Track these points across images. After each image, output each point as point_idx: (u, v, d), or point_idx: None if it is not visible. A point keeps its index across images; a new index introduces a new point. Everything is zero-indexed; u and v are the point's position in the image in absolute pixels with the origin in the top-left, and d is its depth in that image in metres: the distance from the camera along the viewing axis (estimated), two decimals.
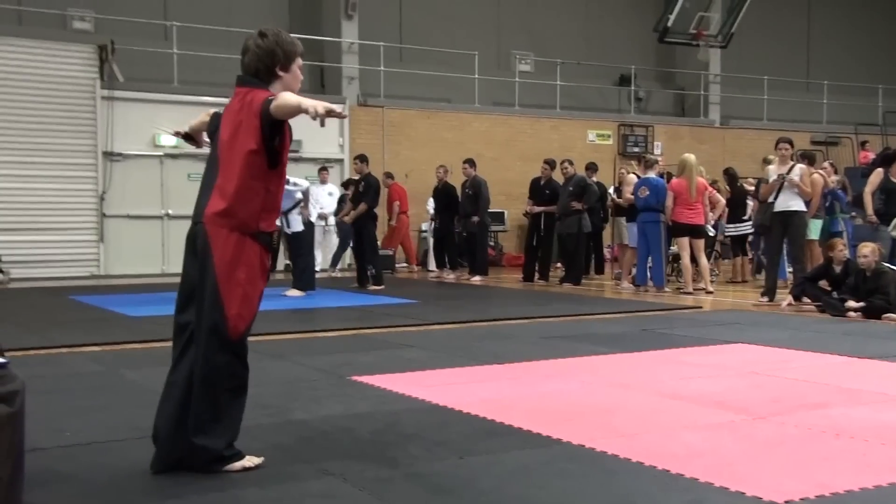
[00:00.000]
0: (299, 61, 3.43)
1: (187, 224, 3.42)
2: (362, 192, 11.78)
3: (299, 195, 10.80)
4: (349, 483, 3.09)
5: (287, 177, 3.87)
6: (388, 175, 14.84)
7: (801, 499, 2.86)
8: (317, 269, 14.81)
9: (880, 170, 9.87)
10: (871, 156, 17.91)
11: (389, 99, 16.67)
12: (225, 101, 13.22)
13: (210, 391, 3.16)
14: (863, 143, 20.17)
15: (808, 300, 8.76)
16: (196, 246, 3.27)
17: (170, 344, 3.34)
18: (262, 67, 3.35)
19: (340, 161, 15.89)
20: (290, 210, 10.57)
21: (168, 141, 14.63)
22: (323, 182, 15.06)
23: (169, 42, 14.99)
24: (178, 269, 3.46)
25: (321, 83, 17.02)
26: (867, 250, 8.18)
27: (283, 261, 15.12)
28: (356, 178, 12.33)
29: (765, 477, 3.14)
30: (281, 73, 3.38)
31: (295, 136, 13.43)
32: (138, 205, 14.41)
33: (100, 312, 8.73)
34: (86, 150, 14.04)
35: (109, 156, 14.19)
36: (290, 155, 14.78)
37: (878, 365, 5.57)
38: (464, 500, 2.92)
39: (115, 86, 14.15)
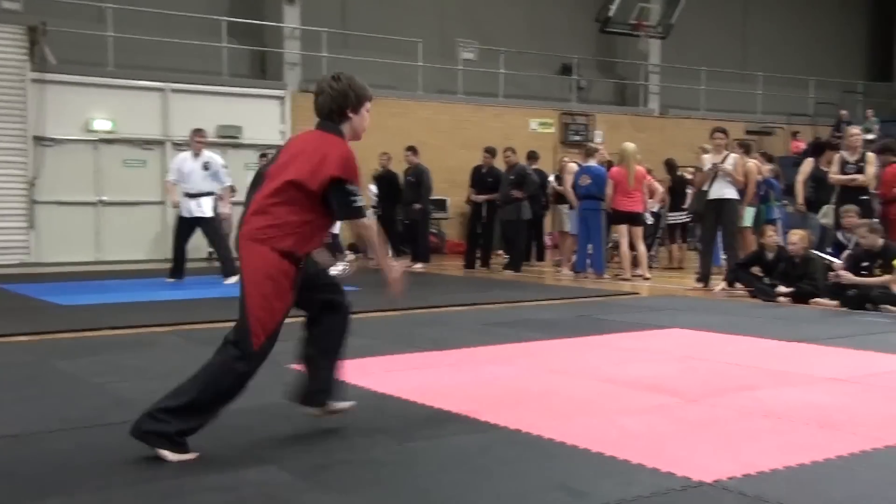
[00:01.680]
0: (368, 105, 3.70)
1: (122, 210, 3.40)
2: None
3: (229, 181, 10.73)
4: (286, 471, 3.08)
5: (219, 160, 3.99)
6: None
7: (729, 478, 2.94)
8: None
9: (810, 159, 10.14)
10: (803, 145, 18.38)
11: None
12: (161, 84, 13.02)
13: (208, 382, 3.32)
14: (794, 133, 20.66)
15: (741, 286, 8.97)
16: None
17: (101, 332, 3.30)
18: (335, 108, 3.62)
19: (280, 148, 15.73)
20: (206, 194, 10.33)
21: (102, 126, 14.34)
22: None
23: (104, 24, 14.64)
24: (113, 256, 3.44)
25: (262, 69, 16.83)
26: (796, 237, 8.40)
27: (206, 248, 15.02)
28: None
29: (695, 457, 3.21)
30: (351, 115, 3.64)
31: (234, 122, 13.33)
32: (71, 191, 14.06)
33: (30, 301, 8.53)
34: (14, 135, 13.63)
35: (40, 140, 13.83)
36: (230, 141, 14.57)
37: (805, 348, 5.74)
38: (401, 486, 2.94)
39: (47, 69, 13.79)
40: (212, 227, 10.55)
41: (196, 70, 15.44)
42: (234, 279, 10.35)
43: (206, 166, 10.29)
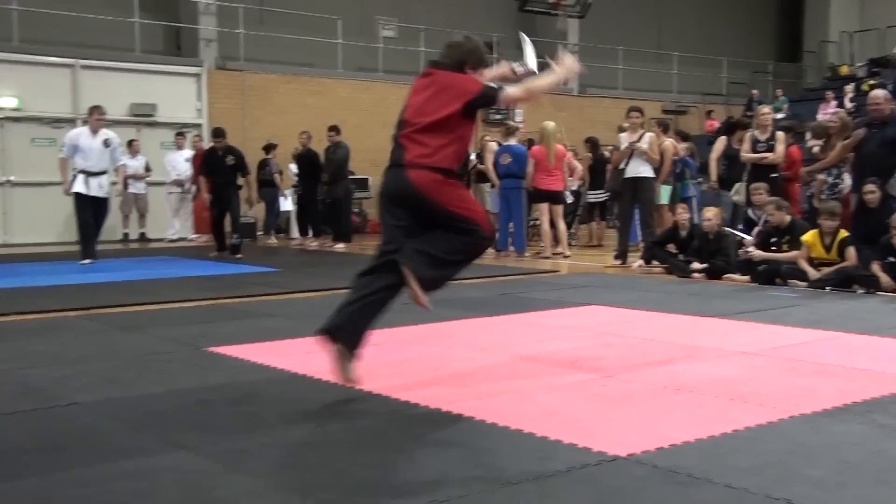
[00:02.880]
0: (483, 72, 4.19)
1: (31, 191, 3.30)
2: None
3: (125, 160, 10.49)
4: (202, 455, 3.04)
5: (117, 139, 4.14)
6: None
7: (643, 451, 3.01)
8: (174, 237, 14.44)
9: (723, 138, 10.39)
10: (717, 124, 18.83)
11: (250, 63, 16.26)
12: (70, 60, 12.53)
13: (461, 257, 3.97)
14: (708, 113, 21.16)
15: (657, 262, 9.17)
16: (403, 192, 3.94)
17: (8, 318, 3.19)
18: (458, 61, 4.12)
19: (198, 126, 15.41)
20: (102, 173, 10.04)
21: (7, 103, 13.82)
22: (179, 148, 14.61)
23: None
24: (21, 238, 3.34)
25: (177, 45, 16.42)
26: (710, 214, 8.63)
27: (136, 229, 14.64)
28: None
29: (611, 432, 3.28)
30: (468, 71, 4.08)
31: (150, 100, 13.00)
32: None
33: None
34: None
35: None
36: (145, 119, 14.19)
37: (717, 322, 5.91)
38: (319, 467, 2.93)
39: None
40: (106, 208, 10.26)
41: (107, 46, 14.99)
42: (88, 261, 10.04)
43: (106, 143, 10.01)
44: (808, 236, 7.81)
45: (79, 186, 9.84)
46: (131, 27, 15.16)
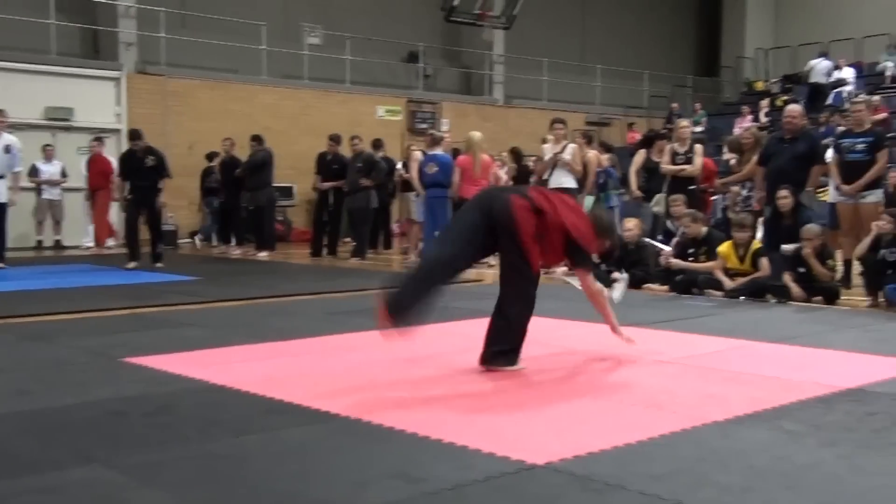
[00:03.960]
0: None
1: None
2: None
3: (20, 167, 10.23)
4: (114, 469, 2.97)
5: (18, 143, 4.04)
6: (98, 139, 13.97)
7: (561, 459, 3.05)
8: (91, 244, 14.07)
9: (643, 150, 10.62)
10: (638, 136, 19.22)
11: (171, 67, 15.96)
12: None
13: (525, 316, 4.67)
14: (630, 125, 21.60)
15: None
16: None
17: None
18: None
19: (117, 132, 15.05)
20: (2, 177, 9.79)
21: None
22: None
23: None
24: None
25: (94, 48, 16.02)
26: (631, 224, 8.80)
27: (51, 236, 14.23)
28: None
29: (530, 441, 3.32)
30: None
31: (67, 104, 12.72)
32: None
33: None
34: None
35: None
36: (61, 124, 13.85)
37: (635, 331, 5.99)
38: (237, 479, 2.89)
39: None
40: (5, 213, 9.96)
41: (21, 47, 14.53)
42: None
43: (7, 149, 9.73)
44: (723, 247, 8.03)
45: None
46: (47, 28, 14.74)
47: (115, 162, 13.50)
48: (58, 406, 3.85)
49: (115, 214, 13.90)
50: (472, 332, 6.00)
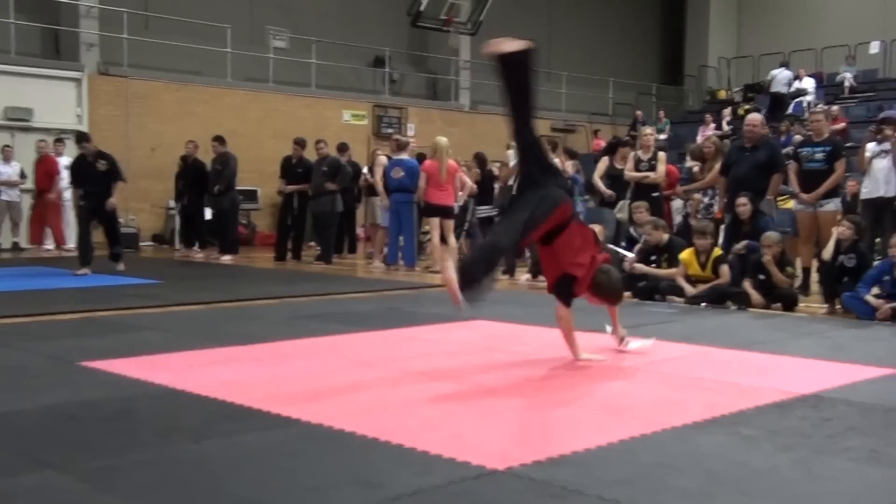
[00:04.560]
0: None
1: None
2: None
3: None
4: (69, 475, 2.92)
5: None
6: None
7: (521, 464, 3.06)
8: (51, 246, 13.87)
9: (606, 157, 10.70)
10: (603, 143, 19.37)
11: (134, 69, 15.78)
12: None
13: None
14: (595, 132, 21.76)
15: (543, 277, 9.33)
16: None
17: None
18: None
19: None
20: None
21: None
22: (58, 154, 14.06)
23: None
24: None
25: (56, 49, 15.79)
26: (594, 231, 8.84)
27: (9, 238, 14.01)
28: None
29: (490, 446, 3.32)
30: None
31: (26, 104, 12.59)
32: None
33: None
34: None
35: None
36: (20, 125, 13.67)
37: (597, 337, 6.04)
38: (194, 486, 2.86)
39: None
40: None
41: None
42: None
43: None
44: (685, 254, 8.11)
45: None
46: (7, 28, 14.51)
47: (63, 163, 13.31)
48: (11, 410, 3.78)
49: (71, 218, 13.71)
50: (434, 337, 6.02)
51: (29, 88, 14.40)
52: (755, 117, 9.06)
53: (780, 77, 20.91)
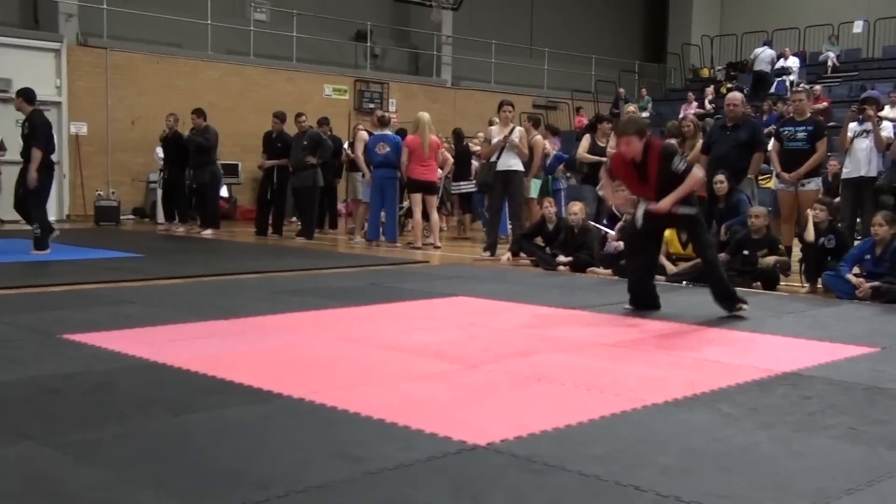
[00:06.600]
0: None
1: None
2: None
3: None
4: (51, 447, 2.91)
5: None
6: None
7: (502, 440, 3.07)
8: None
9: (588, 135, 10.69)
10: (585, 120, 19.36)
11: (114, 40, 15.59)
12: None
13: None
14: (578, 109, 21.74)
15: (525, 255, 9.37)
16: None
17: None
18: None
19: (58, 104, 14.68)
20: None
21: None
22: None
23: None
24: None
25: (34, 19, 15.57)
26: (576, 208, 8.87)
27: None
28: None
29: (472, 422, 3.34)
30: None
31: (4, 75, 12.48)
32: None
33: None
34: None
35: None
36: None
37: (578, 314, 6.08)
38: (177, 458, 2.85)
39: None
40: None
41: None
42: None
43: None
44: (667, 233, 8.10)
45: None
46: None
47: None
48: None
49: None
50: (415, 313, 6.02)
51: (7, 59, 14.20)
52: (735, 96, 9.07)
53: (762, 56, 20.93)
